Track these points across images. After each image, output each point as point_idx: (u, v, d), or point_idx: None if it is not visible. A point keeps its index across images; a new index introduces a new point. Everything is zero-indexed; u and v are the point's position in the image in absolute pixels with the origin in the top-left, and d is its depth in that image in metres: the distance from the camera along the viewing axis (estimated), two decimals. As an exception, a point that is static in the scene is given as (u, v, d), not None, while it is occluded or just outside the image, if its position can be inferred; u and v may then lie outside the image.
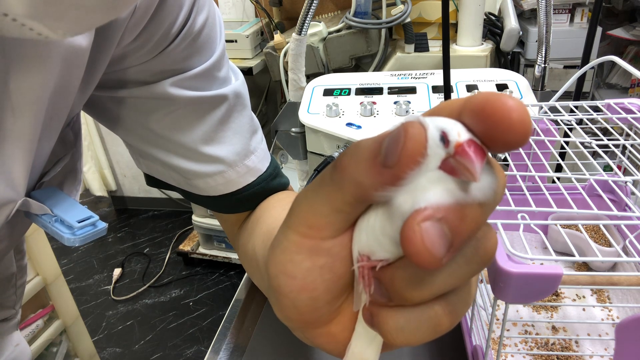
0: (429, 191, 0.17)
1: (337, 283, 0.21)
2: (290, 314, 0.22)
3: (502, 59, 1.34)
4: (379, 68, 1.31)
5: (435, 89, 0.92)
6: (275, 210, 0.42)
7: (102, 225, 0.34)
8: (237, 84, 0.42)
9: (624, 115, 0.53)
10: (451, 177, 0.17)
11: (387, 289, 0.20)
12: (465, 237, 0.17)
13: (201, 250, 2.20)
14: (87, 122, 2.38)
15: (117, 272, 2.22)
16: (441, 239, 0.16)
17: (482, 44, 1.23)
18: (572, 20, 1.44)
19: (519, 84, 0.89)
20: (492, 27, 1.30)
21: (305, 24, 0.97)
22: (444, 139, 0.17)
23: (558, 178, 0.57)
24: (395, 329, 0.20)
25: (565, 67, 1.43)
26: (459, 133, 0.17)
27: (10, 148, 0.29)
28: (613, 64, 0.84)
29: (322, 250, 0.20)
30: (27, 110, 0.28)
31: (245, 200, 0.44)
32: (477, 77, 0.93)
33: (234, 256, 2.13)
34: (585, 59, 0.79)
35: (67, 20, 0.19)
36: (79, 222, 0.32)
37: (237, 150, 0.42)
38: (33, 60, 0.27)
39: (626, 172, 0.52)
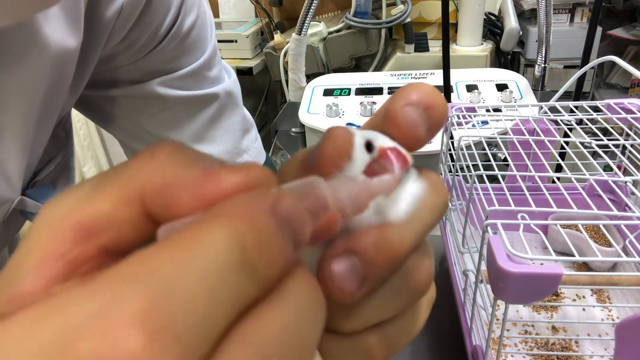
0: None
1: None
2: None
3: (502, 59, 1.34)
4: (379, 68, 1.31)
5: (435, 89, 0.92)
6: None
7: None
8: (229, 82, 0.42)
9: (624, 115, 0.53)
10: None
11: None
12: (381, 269, 0.16)
13: (201, 250, 2.19)
14: (87, 122, 2.37)
15: (117, 272, 2.22)
16: (352, 274, 0.16)
17: (482, 44, 1.23)
18: (572, 20, 1.44)
19: (519, 84, 0.89)
20: (492, 27, 1.30)
21: (305, 24, 0.97)
22: (370, 145, 0.17)
23: (558, 178, 0.57)
24: (330, 356, 0.19)
25: (565, 67, 1.43)
26: (384, 141, 0.17)
27: (6, 145, 0.29)
28: (613, 64, 0.84)
29: None
30: (19, 107, 0.29)
31: None
32: (477, 77, 0.93)
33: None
34: (585, 59, 0.79)
35: None
36: None
37: (228, 149, 0.42)
38: (23, 59, 0.28)
39: (626, 172, 0.52)
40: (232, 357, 0.11)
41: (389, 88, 0.93)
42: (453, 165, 0.56)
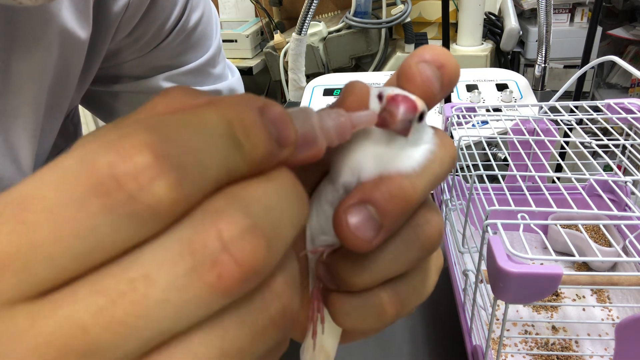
0: (360, 152, 0.18)
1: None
2: None
3: (502, 58, 1.34)
4: (379, 68, 1.31)
5: (435, 89, 0.91)
6: None
7: None
8: (233, 80, 0.43)
9: (624, 115, 0.53)
10: (385, 138, 0.18)
11: (333, 275, 0.20)
12: (396, 217, 0.17)
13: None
14: (87, 122, 2.37)
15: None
16: (368, 221, 0.17)
17: (482, 43, 1.23)
18: (572, 20, 1.44)
19: (519, 84, 0.89)
20: (492, 27, 1.30)
21: (305, 24, 0.98)
22: (381, 96, 0.18)
23: (558, 178, 0.57)
24: (341, 314, 0.19)
25: (565, 67, 1.43)
26: (393, 90, 0.18)
27: (17, 129, 0.30)
28: (613, 64, 0.84)
29: None
30: (30, 92, 0.29)
31: None
32: (477, 76, 0.93)
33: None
34: (585, 59, 0.79)
35: None
36: None
37: None
38: (37, 46, 0.29)
39: (626, 172, 0.52)
40: (217, 204, 0.13)
41: (389, 88, 0.93)
42: (453, 165, 0.56)
